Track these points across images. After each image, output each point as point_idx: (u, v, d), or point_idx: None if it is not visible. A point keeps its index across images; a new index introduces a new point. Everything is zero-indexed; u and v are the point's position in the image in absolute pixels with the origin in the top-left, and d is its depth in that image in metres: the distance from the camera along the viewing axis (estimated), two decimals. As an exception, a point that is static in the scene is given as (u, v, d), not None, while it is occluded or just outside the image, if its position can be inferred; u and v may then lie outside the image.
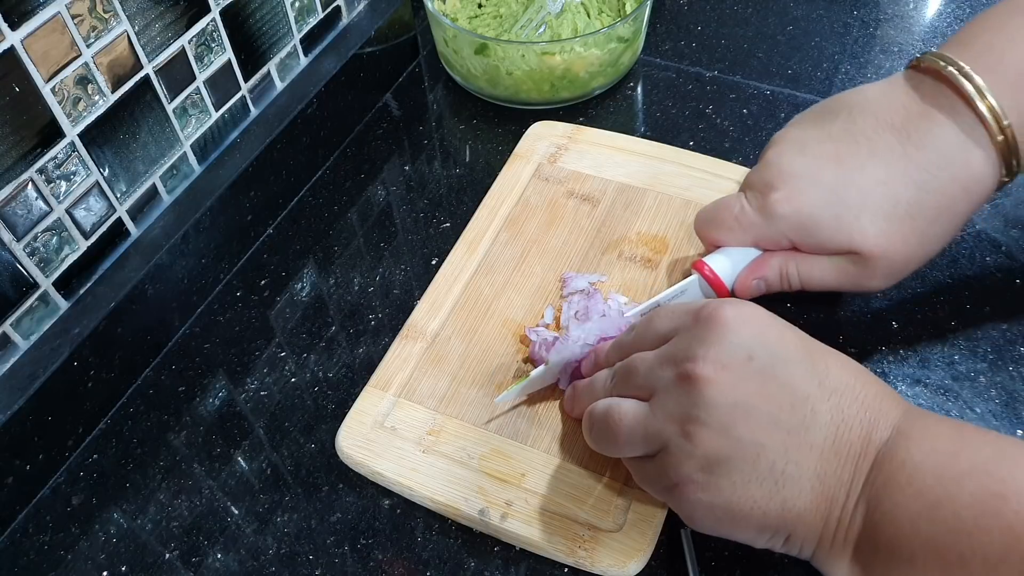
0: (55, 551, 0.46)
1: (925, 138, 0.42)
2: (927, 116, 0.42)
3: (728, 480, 0.34)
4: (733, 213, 0.45)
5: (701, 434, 0.34)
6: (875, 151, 0.42)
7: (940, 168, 0.41)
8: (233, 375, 0.52)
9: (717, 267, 0.46)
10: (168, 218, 0.54)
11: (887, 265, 0.43)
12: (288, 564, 0.44)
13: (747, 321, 0.36)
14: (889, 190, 0.42)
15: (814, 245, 0.44)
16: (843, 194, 0.42)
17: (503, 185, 0.59)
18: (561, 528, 0.42)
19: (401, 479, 0.45)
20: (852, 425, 0.34)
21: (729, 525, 0.35)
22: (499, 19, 0.68)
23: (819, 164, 0.43)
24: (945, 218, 0.42)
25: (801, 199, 0.43)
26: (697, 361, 0.35)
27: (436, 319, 0.52)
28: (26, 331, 0.47)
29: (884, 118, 0.43)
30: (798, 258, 0.45)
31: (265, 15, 0.57)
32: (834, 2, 0.72)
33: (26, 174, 0.44)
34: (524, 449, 0.46)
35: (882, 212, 0.42)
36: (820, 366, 0.35)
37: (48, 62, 0.43)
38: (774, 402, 0.34)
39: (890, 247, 0.42)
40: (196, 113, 0.54)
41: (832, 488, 0.33)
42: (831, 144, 0.43)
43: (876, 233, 0.42)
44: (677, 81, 0.67)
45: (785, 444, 0.34)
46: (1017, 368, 0.47)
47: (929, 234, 0.42)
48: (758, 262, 0.46)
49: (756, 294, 0.46)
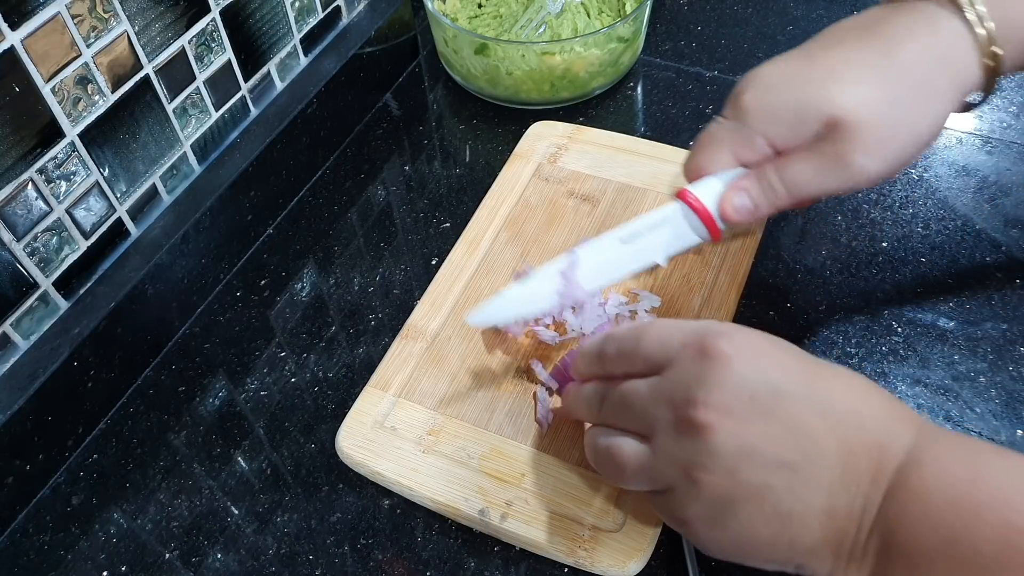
0: (55, 551, 0.46)
1: (895, 20, 0.41)
2: (899, 10, 0.41)
3: (735, 520, 0.34)
4: (710, 131, 0.44)
5: (706, 480, 0.34)
6: (843, 41, 0.41)
7: (910, 40, 0.40)
8: (233, 375, 0.52)
9: (701, 193, 0.43)
10: (168, 218, 0.54)
11: (866, 131, 0.39)
12: (288, 564, 0.44)
13: (746, 354, 0.34)
14: (856, 62, 0.40)
15: (789, 133, 0.41)
16: (810, 75, 0.41)
17: (503, 185, 0.59)
18: (561, 528, 0.42)
19: (401, 479, 0.45)
20: (860, 455, 0.33)
21: (739, 558, 0.35)
22: (499, 19, 0.68)
23: (788, 65, 0.42)
24: (924, 89, 0.40)
25: (771, 92, 0.41)
26: (698, 407, 0.34)
27: (436, 319, 0.52)
28: (26, 331, 0.47)
29: (855, 22, 0.42)
30: (777, 161, 0.42)
31: (265, 15, 0.57)
32: (834, 2, 0.72)
33: (26, 174, 0.44)
34: (524, 449, 0.46)
35: (850, 78, 0.40)
36: (824, 393, 0.34)
37: (48, 62, 0.43)
38: (779, 442, 0.33)
39: (864, 109, 0.39)
40: (196, 113, 0.54)
41: (842, 523, 0.32)
42: (801, 51, 0.42)
43: (846, 97, 0.39)
44: (677, 81, 0.67)
45: (791, 484, 0.33)
46: (1017, 368, 0.47)
47: (909, 102, 0.40)
48: (739, 178, 0.43)
49: (744, 214, 0.43)
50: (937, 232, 0.54)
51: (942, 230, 0.54)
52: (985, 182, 0.57)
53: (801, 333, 0.50)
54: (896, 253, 0.53)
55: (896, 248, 0.54)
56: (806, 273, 0.53)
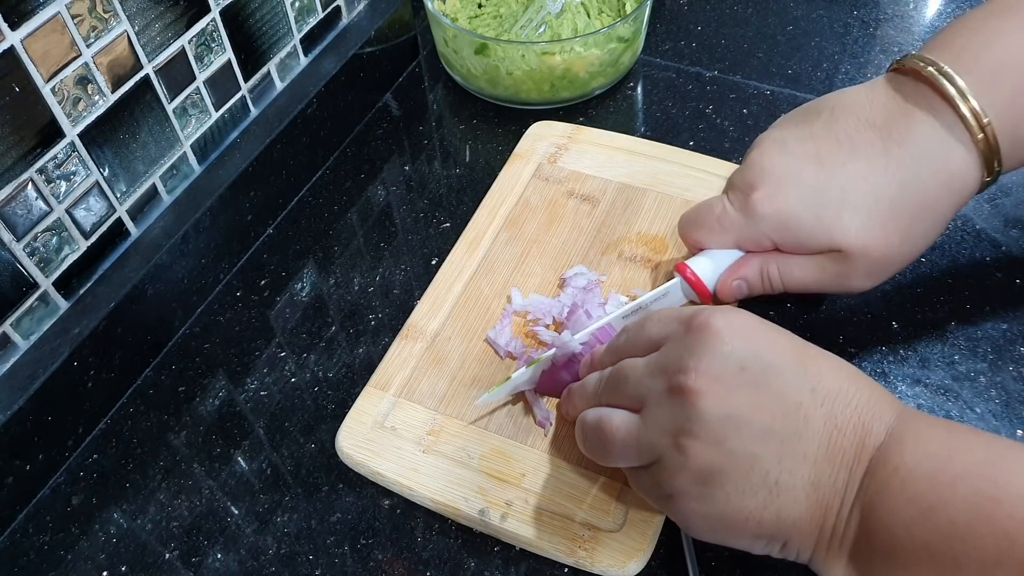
0: (55, 551, 0.46)
1: (906, 136, 0.42)
2: (908, 115, 0.42)
3: (722, 491, 0.34)
4: (715, 214, 0.45)
5: (694, 447, 0.34)
6: (856, 149, 0.42)
7: (921, 165, 0.41)
8: (233, 375, 0.52)
9: (699, 269, 0.46)
10: (168, 218, 0.54)
11: (868, 263, 0.42)
12: (288, 564, 0.44)
13: (738, 330, 0.35)
14: (870, 187, 0.41)
15: (796, 244, 0.44)
16: (824, 192, 0.42)
17: (503, 185, 0.59)
18: (561, 528, 0.42)
19: (401, 479, 0.45)
20: (845, 431, 0.34)
21: (725, 534, 0.36)
22: (499, 19, 0.68)
23: (800, 163, 0.43)
24: (927, 216, 0.42)
25: (782, 198, 0.43)
26: (688, 373, 0.35)
27: (436, 319, 0.52)
28: (26, 331, 0.47)
29: (865, 117, 0.43)
30: (779, 258, 0.45)
31: (265, 15, 0.57)
32: (834, 2, 0.72)
33: (26, 174, 0.44)
34: (524, 449, 0.46)
35: (863, 208, 0.41)
36: (813, 371, 0.35)
37: (48, 62, 0.43)
38: (767, 412, 0.34)
39: (871, 244, 0.42)
40: (196, 113, 0.54)
41: (827, 495, 0.33)
42: (812, 143, 0.43)
43: (857, 230, 0.41)
44: (677, 81, 0.67)
45: (778, 454, 0.34)
46: (1017, 368, 0.47)
47: (911, 232, 0.42)
48: (739, 263, 0.46)
49: (738, 296, 0.46)
50: (937, 232, 0.54)
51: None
52: (985, 182, 0.57)
53: (801, 333, 0.49)
54: (896, 253, 0.53)
55: (896, 248, 0.54)
56: (806, 273, 0.53)
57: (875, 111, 0.43)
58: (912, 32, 0.69)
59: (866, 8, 0.71)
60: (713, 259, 0.46)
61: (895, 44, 0.68)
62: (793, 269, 0.45)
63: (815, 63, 0.67)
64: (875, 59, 0.67)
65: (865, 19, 0.71)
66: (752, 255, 0.46)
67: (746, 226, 0.44)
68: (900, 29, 0.69)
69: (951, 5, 0.71)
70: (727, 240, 0.45)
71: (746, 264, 0.46)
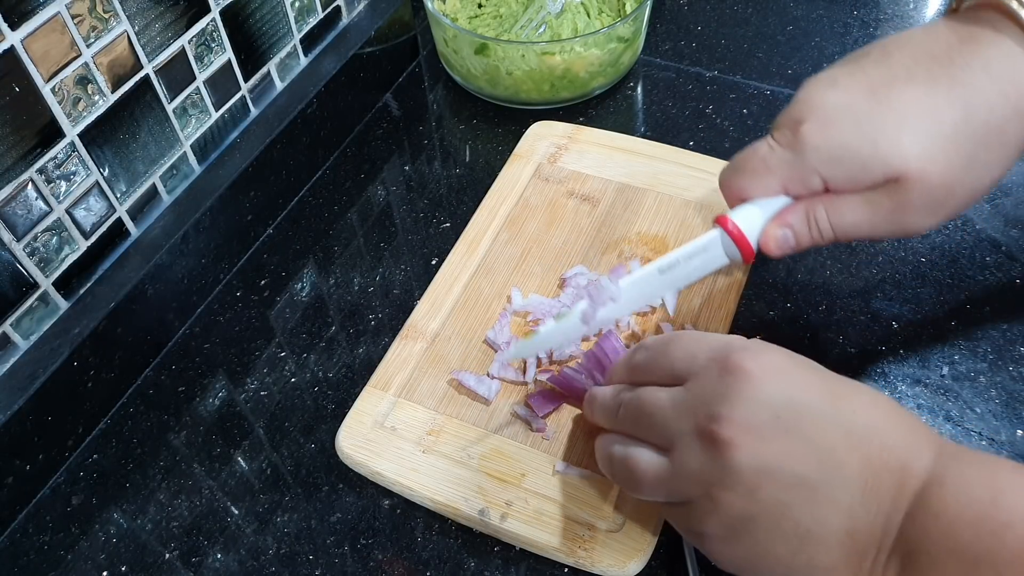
0: (55, 551, 0.46)
1: (971, 59, 0.38)
2: (971, 39, 0.38)
3: (752, 538, 0.33)
4: (760, 154, 0.41)
5: (726, 498, 0.33)
6: (913, 77, 0.38)
7: (988, 86, 0.37)
8: (233, 375, 0.52)
9: (741, 221, 0.41)
10: (168, 218, 0.54)
11: (928, 192, 0.38)
12: (288, 564, 0.44)
13: (770, 372, 0.34)
14: (929, 110, 0.38)
15: (849, 177, 0.39)
16: (879, 118, 0.38)
17: (503, 185, 0.59)
18: (561, 528, 0.42)
19: (401, 479, 0.45)
20: (881, 476, 0.32)
21: (755, 574, 0.35)
22: (499, 19, 0.68)
23: (852, 94, 0.39)
24: (995, 141, 0.38)
25: (833, 128, 0.39)
26: (721, 422, 0.33)
27: (436, 319, 0.52)
28: (26, 331, 0.47)
29: (923, 50, 0.39)
30: (828, 200, 0.40)
31: (265, 15, 0.57)
32: (834, 2, 0.72)
33: (26, 174, 0.44)
34: (524, 449, 0.46)
35: (923, 132, 0.37)
36: (846, 411, 0.33)
37: (48, 62, 0.43)
38: (800, 460, 0.33)
39: (932, 168, 0.37)
40: (196, 113, 0.54)
41: (863, 544, 0.32)
42: (864, 76, 0.39)
43: (918, 152, 0.37)
44: (677, 81, 0.67)
45: (809, 502, 0.32)
46: (1017, 368, 0.47)
47: (977, 159, 0.38)
48: (784, 210, 0.41)
49: (784, 249, 0.42)
50: (937, 232, 0.54)
51: (942, 230, 0.54)
52: (985, 182, 0.57)
53: (801, 333, 0.50)
54: (896, 253, 0.53)
55: (896, 248, 0.54)
56: (806, 273, 0.53)
57: (934, 43, 0.39)
58: (912, 32, 0.69)
59: (866, 8, 0.71)
60: (757, 208, 0.41)
61: (895, 44, 0.68)
62: (843, 210, 0.40)
63: (815, 63, 0.67)
64: (875, 59, 0.67)
65: (865, 19, 0.71)
66: (798, 202, 0.41)
67: (794, 163, 0.39)
68: (900, 29, 0.69)
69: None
70: (772, 183, 0.41)
71: (791, 211, 0.41)
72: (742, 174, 0.41)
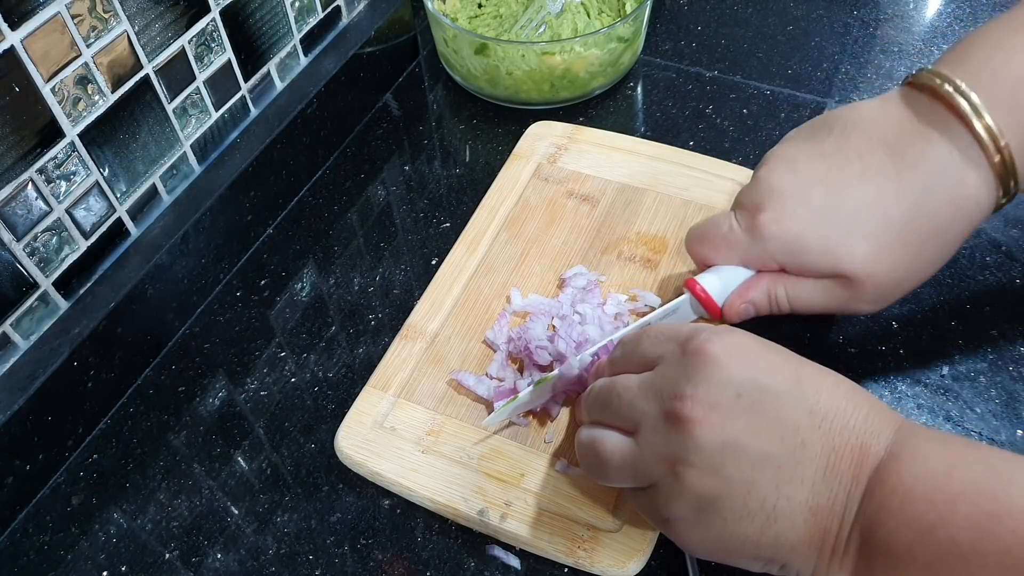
0: (55, 551, 0.46)
1: (919, 158, 0.40)
2: (921, 135, 0.41)
3: (719, 517, 0.34)
4: (722, 232, 0.44)
5: (690, 475, 0.34)
6: (867, 170, 0.41)
7: (934, 188, 0.40)
8: (233, 375, 0.52)
9: (709, 286, 0.46)
10: (168, 218, 0.54)
11: (876, 289, 0.42)
12: (288, 564, 0.44)
13: (734, 354, 0.35)
14: (880, 211, 0.40)
15: (802, 268, 0.43)
16: (832, 215, 0.41)
17: (502, 185, 0.59)
18: (560, 528, 0.42)
19: (400, 479, 0.45)
20: (843, 453, 0.33)
21: (722, 555, 0.36)
22: (499, 19, 0.68)
23: (809, 183, 0.42)
24: (938, 240, 0.41)
25: (789, 221, 0.42)
26: (684, 400, 0.34)
27: (436, 319, 0.52)
28: (26, 331, 0.47)
29: (877, 136, 0.42)
30: (787, 281, 0.44)
31: (265, 15, 0.57)
32: (834, 2, 0.72)
33: (26, 174, 0.44)
34: (523, 449, 0.46)
35: (872, 234, 0.40)
36: (810, 392, 0.34)
37: (48, 62, 0.43)
38: (763, 438, 0.33)
39: (879, 270, 0.41)
40: (196, 113, 0.54)
41: (825, 518, 0.33)
42: (822, 162, 0.42)
43: (865, 256, 0.41)
44: (677, 81, 0.67)
45: (776, 480, 0.33)
46: (1017, 368, 0.47)
47: (921, 257, 0.41)
48: (746, 285, 0.45)
49: (745, 317, 0.46)
50: (937, 232, 0.54)
51: (942, 230, 0.54)
52: (985, 182, 0.57)
53: (801, 333, 0.50)
54: (896, 253, 0.53)
55: (896, 248, 0.54)
56: (806, 273, 0.53)
57: (887, 129, 0.41)
58: (912, 32, 0.69)
59: (866, 8, 0.71)
60: (722, 275, 0.46)
61: (895, 44, 0.68)
62: (800, 292, 0.44)
63: (815, 63, 0.67)
64: (875, 59, 0.67)
65: (865, 19, 0.71)
66: (759, 276, 0.45)
67: (752, 247, 0.43)
68: (900, 29, 0.69)
69: (951, 5, 0.71)
70: (733, 259, 0.45)
71: (753, 286, 0.45)
72: (706, 245, 0.46)
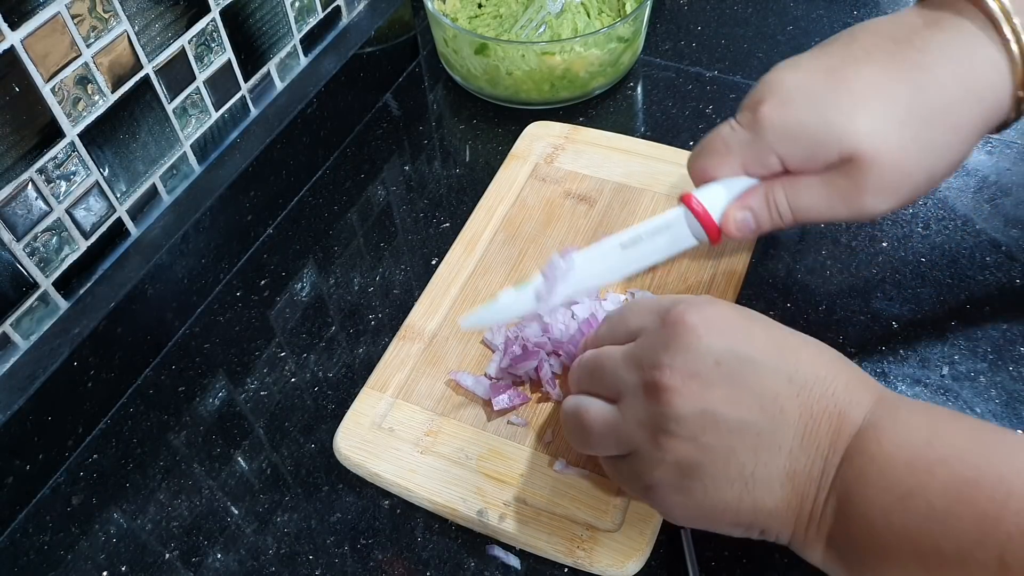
0: (55, 551, 0.46)
1: (929, 41, 0.38)
2: (934, 23, 0.39)
3: (700, 484, 0.34)
4: (722, 135, 0.42)
5: (670, 443, 0.34)
6: (872, 58, 0.39)
7: (941, 66, 0.38)
8: (233, 375, 0.52)
9: (705, 199, 0.42)
10: (168, 218, 0.54)
11: (882, 173, 0.38)
12: (288, 564, 0.44)
13: (713, 324, 0.35)
14: (885, 91, 0.38)
15: (804, 156, 0.40)
16: (834, 97, 0.39)
17: (500, 185, 0.59)
18: (559, 528, 0.42)
19: (399, 480, 0.45)
20: (820, 420, 0.33)
21: (703, 522, 0.36)
22: (499, 19, 0.68)
23: (812, 76, 0.40)
24: (948, 123, 0.38)
25: (790, 107, 0.40)
26: (663, 369, 0.34)
27: (434, 320, 0.52)
28: (26, 331, 0.47)
29: (887, 32, 0.40)
30: (786, 182, 0.41)
31: (265, 15, 0.57)
32: (834, 2, 0.72)
33: (26, 174, 0.44)
34: (522, 449, 0.46)
35: (876, 112, 0.38)
36: (790, 360, 0.34)
37: (48, 62, 0.43)
38: (743, 406, 0.34)
39: (884, 148, 0.38)
40: (196, 113, 0.54)
41: (802, 484, 0.33)
42: (826, 58, 0.41)
43: (869, 132, 0.38)
44: (677, 81, 0.67)
45: (754, 446, 0.34)
46: (1017, 368, 0.47)
47: (931, 140, 0.38)
48: (746, 193, 0.42)
49: (745, 231, 0.43)
50: (937, 232, 0.54)
51: (942, 230, 0.54)
52: (985, 182, 0.57)
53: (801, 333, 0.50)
54: (896, 253, 0.53)
55: (896, 248, 0.54)
56: (806, 273, 0.53)
57: (897, 27, 0.40)
58: (912, 32, 0.69)
59: (866, 8, 0.71)
60: (723, 187, 0.42)
61: (895, 44, 0.68)
62: (801, 191, 0.41)
63: (815, 63, 0.67)
64: (875, 59, 0.67)
65: (865, 19, 0.70)
66: (759, 184, 0.42)
67: (752, 142, 0.40)
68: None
69: (951, 5, 0.71)
70: (733, 163, 0.42)
71: (751, 193, 0.42)
72: (705, 155, 0.43)
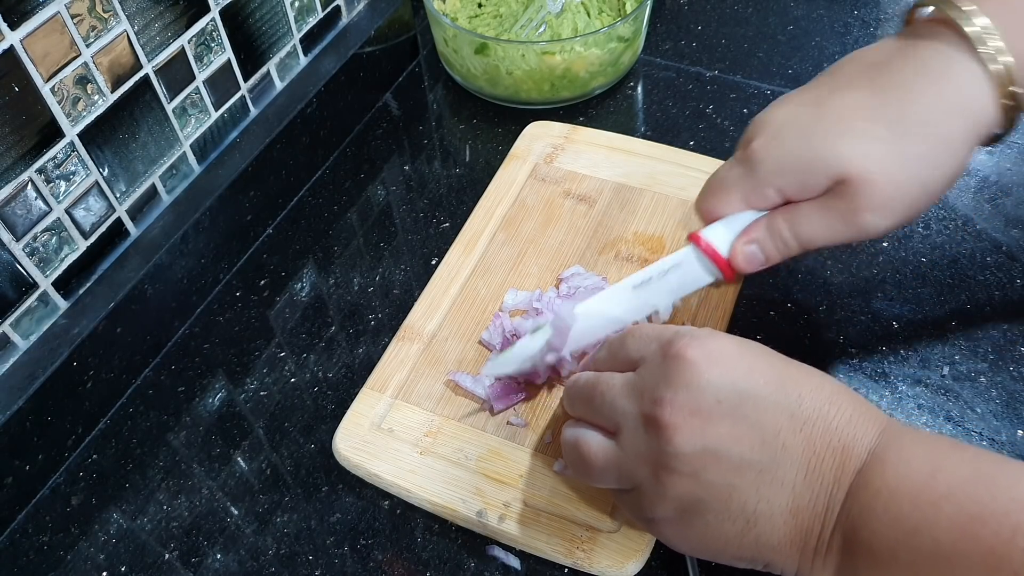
0: (55, 551, 0.46)
1: (907, 62, 0.39)
2: (911, 47, 0.40)
3: (702, 519, 0.34)
4: (720, 175, 0.43)
5: (671, 479, 0.34)
6: (854, 84, 0.40)
7: (921, 85, 0.39)
8: (233, 375, 0.52)
9: (712, 237, 0.43)
10: (168, 218, 0.54)
11: (874, 191, 0.39)
12: (288, 564, 0.44)
13: (715, 360, 0.35)
14: (867, 112, 0.39)
15: (799, 185, 0.40)
16: (821, 126, 0.40)
17: (499, 185, 0.59)
18: (559, 529, 0.42)
19: (399, 481, 0.45)
20: (824, 456, 0.33)
21: (708, 555, 0.36)
22: (499, 19, 0.68)
23: (799, 109, 0.41)
24: (935, 136, 0.39)
25: (780, 141, 0.40)
26: (664, 405, 0.34)
27: (433, 320, 0.52)
28: (26, 331, 0.47)
29: (867, 61, 0.41)
30: (786, 212, 0.42)
31: (265, 15, 0.57)
32: (834, 2, 0.72)
33: (26, 174, 0.44)
34: (521, 450, 0.46)
35: (861, 133, 0.39)
36: (792, 395, 0.34)
37: (48, 62, 0.43)
38: (744, 443, 0.33)
39: (873, 166, 0.38)
40: (196, 113, 0.54)
41: (806, 522, 0.33)
42: (814, 91, 0.41)
43: (855, 153, 0.38)
44: (677, 81, 0.67)
45: (756, 483, 0.33)
46: (1017, 368, 0.47)
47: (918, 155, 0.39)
48: (750, 225, 0.43)
49: (755, 264, 0.43)
50: (937, 232, 0.54)
51: (942, 230, 0.54)
52: (986, 182, 0.57)
53: (801, 333, 0.50)
54: (896, 253, 0.53)
55: (896, 248, 0.54)
56: (806, 273, 0.53)
57: (878, 54, 0.41)
58: (913, 32, 0.69)
59: (866, 8, 0.71)
60: (726, 225, 0.43)
61: (896, 44, 0.68)
62: (800, 219, 0.41)
63: (815, 63, 0.67)
64: (875, 59, 0.67)
65: (865, 19, 0.70)
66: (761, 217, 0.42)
67: (748, 177, 0.41)
68: (900, 29, 0.69)
69: (952, 4, 0.71)
70: (736, 199, 0.42)
71: (755, 225, 0.42)
72: (708, 195, 0.44)
